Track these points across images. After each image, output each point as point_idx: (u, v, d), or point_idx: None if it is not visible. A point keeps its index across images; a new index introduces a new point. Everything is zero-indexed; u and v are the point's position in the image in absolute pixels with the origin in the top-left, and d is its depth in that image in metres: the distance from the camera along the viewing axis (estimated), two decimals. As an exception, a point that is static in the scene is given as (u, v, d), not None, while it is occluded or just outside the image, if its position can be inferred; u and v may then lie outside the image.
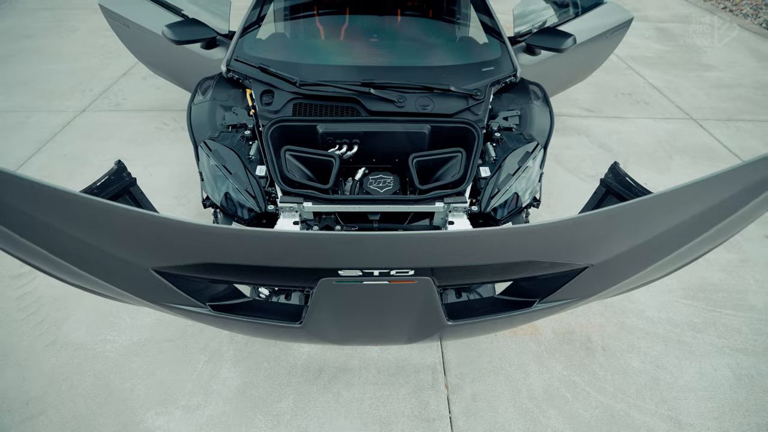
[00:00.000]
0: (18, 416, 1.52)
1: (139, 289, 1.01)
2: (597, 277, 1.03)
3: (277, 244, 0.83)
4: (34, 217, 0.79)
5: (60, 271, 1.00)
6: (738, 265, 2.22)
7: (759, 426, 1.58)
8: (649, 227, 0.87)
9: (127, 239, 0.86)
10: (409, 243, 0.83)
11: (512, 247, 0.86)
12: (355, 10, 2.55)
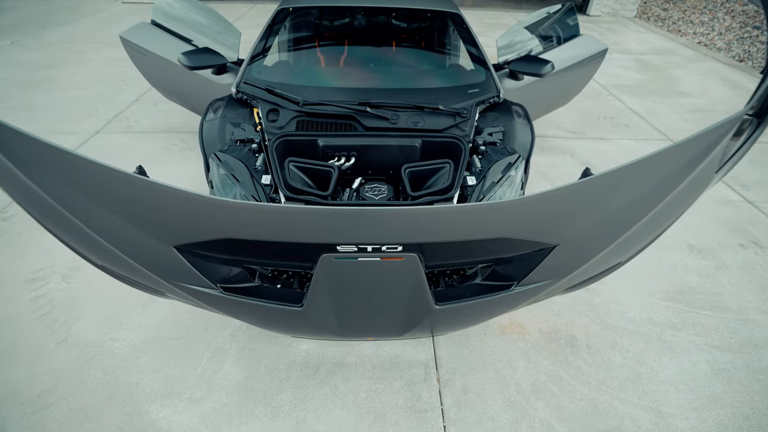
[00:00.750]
0: (29, 408, 1.59)
1: (159, 268, 1.13)
2: (566, 256, 1.16)
3: (286, 217, 0.97)
4: (74, 190, 0.94)
5: (88, 247, 1.13)
6: (714, 271, 2.35)
7: (735, 416, 1.66)
8: (608, 201, 1.01)
9: (154, 215, 1.00)
10: (397, 215, 0.97)
11: (486, 220, 1.00)
12: (354, 42, 2.82)
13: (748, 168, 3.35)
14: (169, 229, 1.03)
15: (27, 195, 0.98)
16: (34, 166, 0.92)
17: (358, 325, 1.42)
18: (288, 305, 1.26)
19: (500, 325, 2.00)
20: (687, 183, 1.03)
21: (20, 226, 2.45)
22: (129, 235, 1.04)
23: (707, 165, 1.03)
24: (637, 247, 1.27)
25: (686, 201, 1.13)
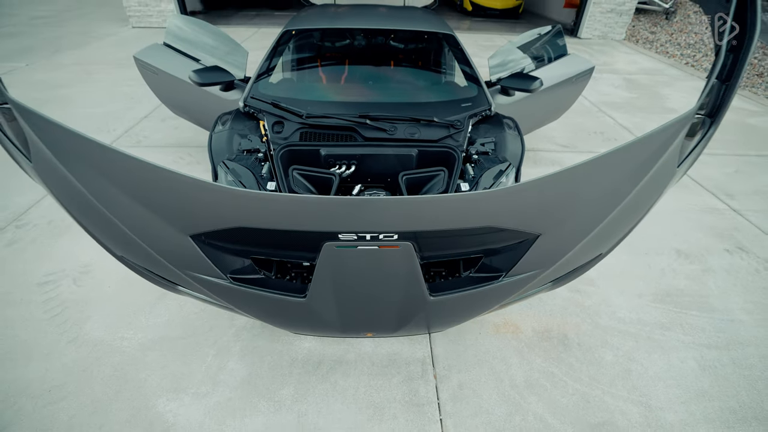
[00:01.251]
0: (41, 401, 1.65)
1: (175, 257, 1.23)
2: (549, 246, 1.26)
3: (294, 205, 1.08)
4: (105, 179, 1.05)
5: (111, 237, 1.23)
6: (701, 274, 2.44)
7: (722, 409, 1.72)
8: (582, 191, 1.12)
9: (176, 205, 1.10)
10: (393, 204, 1.07)
11: (473, 209, 1.11)
12: (353, 60, 2.99)
13: (734, 178, 3.48)
14: (188, 218, 1.14)
15: (62, 184, 1.09)
16: (71, 157, 1.04)
17: (357, 317, 1.50)
18: (292, 295, 1.35)
19: (494, 324, 2.07)
20: (652, 175, 1.14)
21: (33, 234, 2.55)
22: (150, 224, 1.14)
23: (668, 159, 1.15)
24: (615, 239, 1.37)
25: (654, 193, 1.24)
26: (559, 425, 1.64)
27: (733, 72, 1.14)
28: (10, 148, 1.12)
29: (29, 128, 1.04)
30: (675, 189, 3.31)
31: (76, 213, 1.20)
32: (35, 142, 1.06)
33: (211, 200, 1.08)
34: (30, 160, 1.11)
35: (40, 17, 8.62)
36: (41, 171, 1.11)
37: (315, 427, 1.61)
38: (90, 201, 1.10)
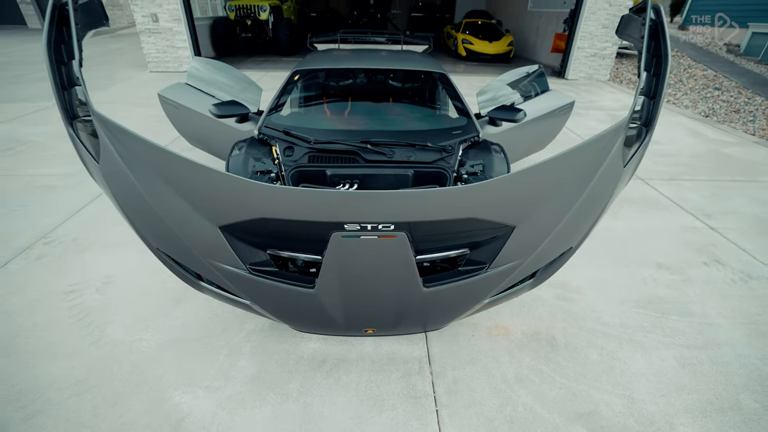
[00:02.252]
0: (66, 393, 1.78)
1: (204, 246, 1.44)
2: (524, 237, 1.47)
3: (308, 197, 1.30)
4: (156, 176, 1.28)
5: (153, 229, 1.44)
6: (680, 284, 2.60)
7: (700, 401, 1.84)
8: (546, 186, 1.35)
9: (211, 198, 1.33)
10: (390, 196, 1.30)
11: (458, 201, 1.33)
12: (356, 95, 3.34)
13: (711, 201, 3.72)
14: (220, 210, 1.36)
15: (121, 182, 1.33)
16: (133, 158, 1.28)
17: (359, 309, 1.68)
18: (302, 285, 1.54)
19: (486, 327, 2.22)
20: (602, 173, 1.38)
21: (59, 250, 2.76)
22: (188, 217, 1.37)
23: (613, 159, 1.38)
24: (582, 232, 1.58)
25: (607, 189, 1.47)
26: (548, 415, 1.76)
27: (657, 91, 1.40)
28: (82, 150, 1.37)
29: (104, 135, 1.29)
30: (656, 210, 3.55)
31: (127, 207, 1.42)
32: (106, 146, 1.30)
33: (242, 193, 1.31)
34: (98, 161, 1.35)
35: (65, 64, 9.31)
36: (106, 170, 1.35)
37: (320, 416, 1.73)
38: (142, 196, 1.33)
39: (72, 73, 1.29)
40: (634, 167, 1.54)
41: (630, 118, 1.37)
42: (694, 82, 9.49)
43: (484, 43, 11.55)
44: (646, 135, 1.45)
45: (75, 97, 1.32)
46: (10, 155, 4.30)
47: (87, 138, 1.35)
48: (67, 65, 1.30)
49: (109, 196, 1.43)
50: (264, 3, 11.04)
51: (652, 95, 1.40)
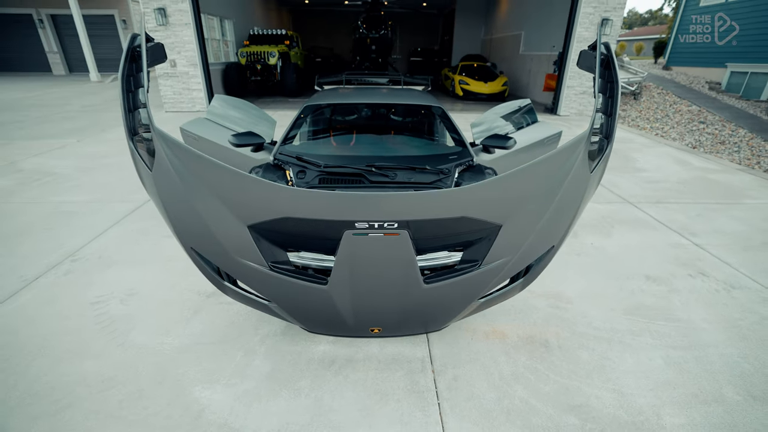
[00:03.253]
0: (95, 389, 1.93)
1: (233, 243, 1.65)
2: (511, 235, 1.68)
3: (325, 198, 1.53)
4: (199, 181, 1.53)
5: (190, 229, 1.66)
6: (667, 293, 2.77)
7: (685, 394, 1.96)
8: (525, 190, 1.58)
9: (244, 200, 1.56)
10: (394, 198, 1.53)
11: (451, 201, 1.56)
12: (361, 125, 3.67)
13: (696, 221, 3.93)
14: (250, 210, 1.59)
15: (170, 187, 1.57)
16: (181, 165, 1.53)
17: (367, 305, 1.86)
18: (317, 281, 1.74)
19: (484, 332, 2.37)
20: (571, 177, 1.62)
21: (86, 266, 2.97)
22: (223, 216, 1.60)
23: (579, 166, 1.63)
24: (561, 232, 1.79)
25: (578, 192, 1.70)
26: (542, 407, 1.88)
27: (612, 109, 1.67)
28: (138, 161, 1.63)
29: (160, 146, 1.55)
30: (645, 230, 3.75)
31: (171, 210, 1.66)
32: (160, 156, 1.56)
33: (270, 195, 1.55)
34: (151, 170, 1.60)
35: (89, 105, 9.94)
36: (157, 177, 1.60)
37: (330, 409, 1.86)
38: (186, 199, 1.57)
39: (138, 99, 1.58)
40: (599, 174, 1.78)
41: (591, 131, 1.63)
42: (680, 116, 9.99)
43: (480, 84, 12.27)
44: (607, 146, 1.70)
45: (137, 119, 1.59)
46: (37, 185, 4.60)
47: (143, 151, 1.61)
48: (134, 93, 1.58)
49: (156, 200, 1.67)
50: (273, 50, 11.89)
51: (609, 113, 1.67)
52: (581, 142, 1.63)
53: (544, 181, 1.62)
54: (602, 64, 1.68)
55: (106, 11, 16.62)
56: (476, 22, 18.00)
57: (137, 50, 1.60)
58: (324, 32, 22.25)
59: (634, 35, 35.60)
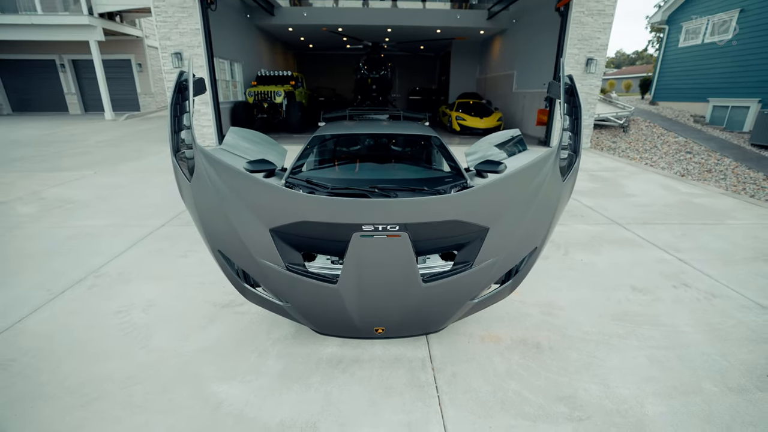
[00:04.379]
0: (121, 385, 2.10)
1: (255, 245, 1.89)
2: (497, 238, 1.93)
3: (336, 204, 1.79)
4: (231, 190, 1.79)
5: (216, 233, 1.91)
6: (651, 302, 2.95)
7: (667, 387, 2.12)
8: (507, 196, 1.84)
9: (268, 205, 1.82)
10: (396, 203, 1.79)
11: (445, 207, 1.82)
12: (365, 152, 4.01)
13: (681, 239, 4.16)
14: (272, 215, 1.84)
15: (205, 195, 1.83)
16: (216, 176, 1.81)
17: (372, 304, 2.06)
18: (328, 280, 1.97)
19: (480, 336, 2.54)
20: (546, 185, 1.88)
21: (108, 281, 3.18)
22: (248, 220, 1.85)
23: (552, 176, 1.90)
24: (541, 234, 2.03)
25: (553, 198, 1.96)
26: (534, 398, 2.04)
27: (577, 129, 1.96)
28: (179, 173, 1.90)
29: (200, 160, 1.83)
30: (632, 247, 3.98)
31: (205, 216, 1.91)
32: (199, 169, 1.84)
33: (290, 201, 1.81)
34: (189, 180, 1.88)
35: (103, 141, 10.47)
36: (195, 186, 1.87)
37: (339, 401, 2.02)
38: (218, 206, 1.83)
39: (182, 123, 1.88)
40: (571, 184, 2.05)
41: (559, 146, 1.92)
42: (667, 147, 10.44)
43: (475, 119, 12.89)
44: (575, 159, 1.98)
45: (180, 139, 1.89)
46: (59, 211, 4.89)
47: (183, 165, 1.89)
48: (179, 117, 1.89)
49: (192, 207, 1.94)
50: (279, 89, 12.62)
51: (575, 132, 1.96)
52: (552, 155, 1.91)
53: (522, 188, 1.89)
54: (567, 91, 2.00)
55: (124, 56, 17.73)
56: (471, 63, 19.08)
57: (184, 83, 1.92)
58: (327, 73, 23.48)
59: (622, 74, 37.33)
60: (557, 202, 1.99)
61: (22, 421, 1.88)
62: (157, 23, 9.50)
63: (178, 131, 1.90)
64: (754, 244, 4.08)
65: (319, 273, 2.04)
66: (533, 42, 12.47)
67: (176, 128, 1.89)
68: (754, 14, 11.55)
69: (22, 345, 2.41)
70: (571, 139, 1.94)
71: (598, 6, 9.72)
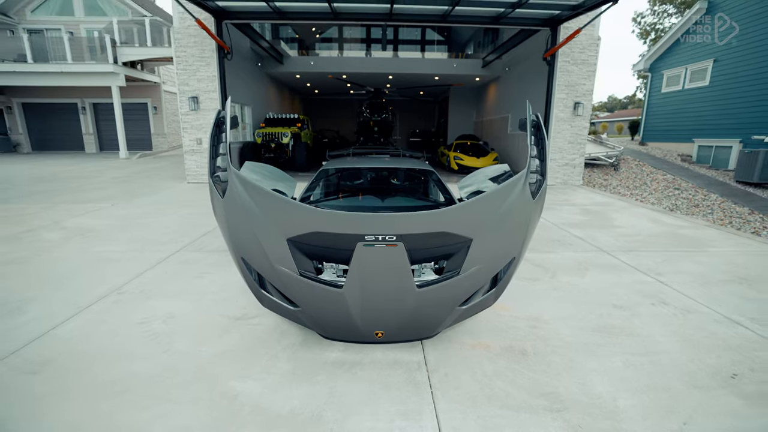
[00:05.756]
0: (147, 381, 2.34)
1: (274, 253, 2.22)
2: (480, 247, 2.25)
3: (344, 217, 2.14)
4: (257, 206, 2.15)
5: (242, 242, 2.24)
6: (630, 317, 3.20)
7: (638, 385, 2.34)
8: (487, 212, 2.18)
9: (286, 218, 2.17)
10: (394, 217, 2.14)
11: (434, 220, 2.16)
12: (367, 183, 4.42)
13: (662, 264, 4.45)
14: (289, 226, 2.18)
15: (235, 210, 2.19)
16: (245, 194, 2.17)
17: (373, 307, 2.35)
18: (335, 285, 2.28)
19: (471, 344, 2.79)
20: (519, 203, 2.24)
21: (130, 297, 3.46)
22: (269, 231, 2.19)
23: (524, 195, 2.26)
24: (518, 245, 2.35)
25: (525, 214, 2.31)
26: (517, 393, 2.27)
27: (543, 156, 2.35)
28: (213, 192, 2.27)
29: (233, 179, 2.21)
30: (615, 270, 4.26)
31: (233, 228, 2.26)
32: (232, 187, 2.21)
33: (305, 215, 2.16)
34: (222, 197, 2.24)
35: (118, 177, 11.03)
36: (227, 203, 2.23)
37: (342, 394, 2.25)
38: (246, 219, 2.18)
39: (218, 150, 2.28)
40: (541, 203, 2.41)
41: (528, 170, 2.30)
42: (656, 184, 10.91)
43: (473, 159, 13.53)
44: (543, 182, 2.35)
45: (216, 164, 2.28)
46: (81, 239, 5.24)
47: (218, 185, 2.27)
48: (216, 146, 2.30)
49: (223, 221, 2.29)
50: (286, 130, 13.40)
51: (542, 159, 2.35)
52: (521, 178, 2.29)
53: (498, 205, 2.25)
54: (535, 126, 2.41)
55: (141, 100, 18.90)
56: (468, 107, 20.18)
57: (221, 119, 2.35)
58: (331, 116, 24.73)
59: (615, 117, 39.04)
60: (529, 217, 2.34)
61: (66, 404, 2.11)
62: (178, 71, 10.37)
63: (215, 157, 2.30)
64: (730, 268, 4.36)
65: (327, 279, 2.34)
66: (525, 88, 13.37)
67: (213, 155, 2.29)
68: (727, 63, 12.49)
69: (57, 348, 2.67)
70: (538, 166, 2.33)
71: (582, 56, 10.60)
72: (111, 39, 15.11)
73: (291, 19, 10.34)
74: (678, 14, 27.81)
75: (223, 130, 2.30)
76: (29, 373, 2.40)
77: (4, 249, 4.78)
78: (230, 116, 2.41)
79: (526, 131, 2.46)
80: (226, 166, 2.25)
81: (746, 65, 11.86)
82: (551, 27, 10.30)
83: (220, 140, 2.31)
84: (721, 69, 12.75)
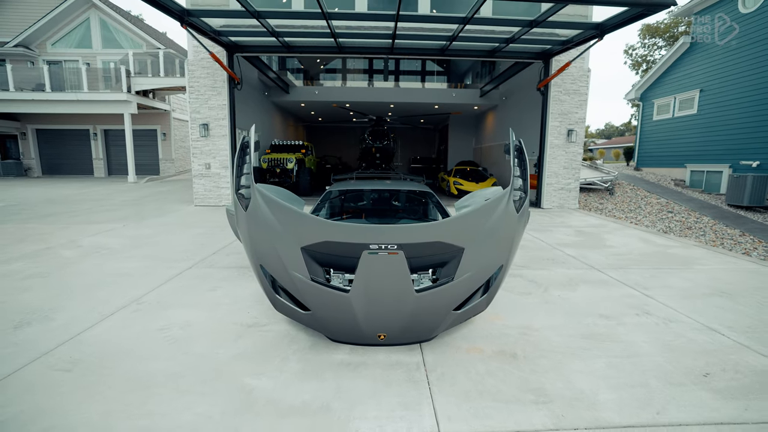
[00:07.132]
0: (169, 378, 2.57)
1: (289, 260, 2.50)
2: (471, 255, 2.53)
3: (352, 228, 2.44)
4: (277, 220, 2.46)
5: (260, 250, 2.53)
6: (615, 326, 3.43)
7: (618, 382, 2.56)
8: (475, 225, 2.48)
9: (301, 229, 2.47)
10: (395, 228, 2.44)
11: (430, 231, 2.46)
12: (370, 203, 4.74)
13: (650, 280, 4.69)
14: (303, 235, 2.48)
15: (256, 221, 2.50)
16: (266, 207, 2.48)
17: (375, 310, 2.61)
18: (341, 290, 2.55)
19: (465, 348, 3.01)
20: (504, 216, 2.54)
21: (149, 308, 3.71)
22: (285, 239, 2.48)
23: (508, 210, 2.56)
24: (504, 255, 2.63)
25: (510, 226, 2.60)
26: (507, 389, 2.48)
27: (524, 175, 2.67)
28: (238, 206, 2.58)
29: (256, 194, 2.52)
30: (604, 285, 4.50)
31: (254, 237, 2.56)
32: (255, 201, 2.52)
33: (317, 226, 2.46)
34: (245, 210, 2.55)
35: (128, 200, 11.42)
36: (249, 216, 2.53)
37: (348, 389, 2.47)
38: (266, 229, 2.48)
39: (242, 170, 2.61)
40: (525, 218, 2.71)
41: (511, 188, 2.61)
42: (650, 207, 11.23)
43: (472, 184, 13.94)
44: (526, 198, 2.66)
45: (241, 182, 2.60)
46: (97, 255, 5.52)
47: (242, 200, 2.58)
48: (241, 167, 2.63)
49: (245, 232, 2.58)
50: (291, 156, 13.91)
51: (524, 178, 2.67)
52: (506, 194, 2.60)
53: (486, 218, 2.55)
54: (518, 149, 2.75)
55: (151, 126, 19.62)
56: (468, 134, 20.85)
57: (246, 142, 2.69)
58: (334, 143, 25.47)
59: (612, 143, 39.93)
60: (514, 229, 2.63)
61: (99, 396, 2.34)
62: (190, 100, 10.95)
63: (240, 176, 2.62)
64: (714, 284, 4.60)
65: (335, 285, 2.61)
66: (521, 116, 13.96)
67: (239, 173, 2.61)
68: (712, 93, 13.10)
69: (85, 350, 2.91)
70: (521, 185, 2.65)
71: (573, 86, 11.18)
72: (126, 69, 15.93)
73: (299, 53, 11.02)
74: (667, 46, 29.09)
75: (247, 153, 2.64)
76: (63, 371, 2.64)
77: (26, 264, 5.06)
78: (254, 140, 2.75)
79: (510, 155, 2.80)
80: (250, 184, 2.57)
81: (730, 95, 12.45)
82: (543, 60, 10.94)
83: (244, 161, 2.64)
84: (708, 98, 13.35)
